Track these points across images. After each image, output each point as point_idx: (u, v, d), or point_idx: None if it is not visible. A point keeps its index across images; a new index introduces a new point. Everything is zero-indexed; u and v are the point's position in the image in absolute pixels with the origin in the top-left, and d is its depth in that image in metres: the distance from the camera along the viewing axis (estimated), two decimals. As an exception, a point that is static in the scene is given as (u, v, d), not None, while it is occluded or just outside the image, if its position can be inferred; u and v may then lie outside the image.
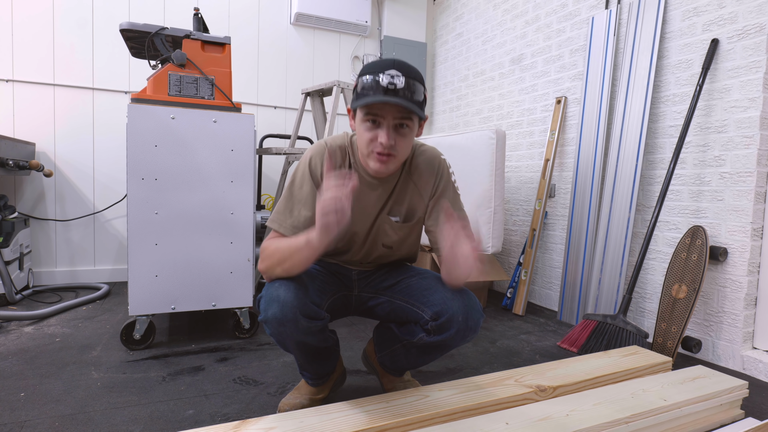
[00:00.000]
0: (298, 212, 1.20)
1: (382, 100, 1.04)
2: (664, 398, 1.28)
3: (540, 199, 2.67)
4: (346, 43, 3.64)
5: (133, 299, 1.80)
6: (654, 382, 1.40)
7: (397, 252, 1.37)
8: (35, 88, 2.78)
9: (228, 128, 1.91)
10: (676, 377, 1.43)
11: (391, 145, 1.09)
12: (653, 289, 2.15)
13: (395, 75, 1.05)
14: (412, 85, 1.07)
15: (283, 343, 1.20)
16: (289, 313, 1.09)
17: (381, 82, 1.05)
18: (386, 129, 1.08)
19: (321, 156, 1.22)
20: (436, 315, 1.19)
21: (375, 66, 1.08)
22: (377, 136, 1.09)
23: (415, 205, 1.29)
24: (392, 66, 1.07)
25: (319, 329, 1.17)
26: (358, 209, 1.25)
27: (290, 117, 3.46)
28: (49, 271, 2.86)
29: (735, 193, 1.85)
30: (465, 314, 1.17)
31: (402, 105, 1.04)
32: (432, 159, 1.28)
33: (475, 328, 1.20)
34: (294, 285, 1.12)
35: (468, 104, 3.51)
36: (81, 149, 2.91)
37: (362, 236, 1.30)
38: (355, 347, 1.95)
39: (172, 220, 1.84)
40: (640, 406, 1.23)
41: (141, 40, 1.98)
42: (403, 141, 1.11)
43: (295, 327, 1.11)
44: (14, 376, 1.57)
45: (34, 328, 2.07)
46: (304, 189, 1.21)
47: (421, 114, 1.08)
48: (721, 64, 1.91)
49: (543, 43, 2.81)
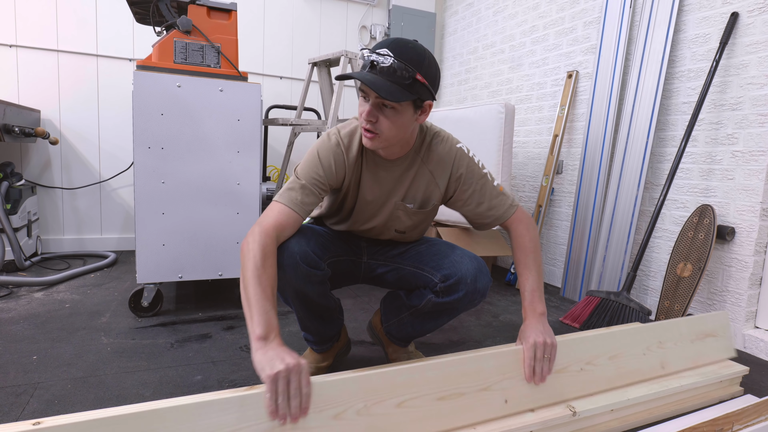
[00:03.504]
0: (304, 195, 1.16)
1: (354, 77, 1.04)
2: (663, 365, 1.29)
3: (547, 175, 2.65)
4: (353, 12, 3.56)
5: (141, 267, 1.82)
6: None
7: (408, 237, 1.39)
8: (39, 54, 2.74)
9: (234, 97, 1.89)
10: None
11: (370, 122, 1.10)
12: (658, 268, 2.15)
13: (384, 54, 1.05)
14: (397, 67, 1.04)
15: (283, 292, 1.23)
16: (289, 259, 1.13)
17: (369, 58, 1.07)
18: (369, 107, 1.09)
19: (331, 153, 1.20)
20: (445, 277, 1.24)
21: (379, 43, 1.08)
22: (363, 112, 1.10)
23: (431, 193, 1.29)
24: (388, 45, 1.06)
25: (318, 280, 1.20)
26: (373, 191, 1.25)
27: (296, 87, 3.42)
28: (56, 238, 2.89)
29: (746, 172, 1.82)
30: (474, 276, 1.22)
31: (366, 83, 1.02)
32: (449, 149, 1.26)
33: (484, 291, 1.24)
34: (297, 235, 1.17)
35: (477, 77, 3.44)
36: (86, 117, 2.89)
37: (377, 221, 1.31)
38: (360, 318, 1.98)
39: (179, 190, 1.85)
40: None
41: (146, 5, 1.94)
42: (386, 121, 1.09)
43: (295, 273, 1.15)
44: (26, 340, 1.61)
45: (44, 294, 2.10)
46: (310, 175, 1.18)
47: (386, 95, 1.02)
48: (739, 39, 1.85)
49: (556, 15, 2.74)
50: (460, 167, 1.26)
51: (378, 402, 0.94)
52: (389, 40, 1.08)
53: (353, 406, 0.92)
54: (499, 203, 1.27)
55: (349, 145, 1.21)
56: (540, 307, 1.17)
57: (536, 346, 1.09)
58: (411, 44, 1.07)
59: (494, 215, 1.27)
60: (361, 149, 1.23)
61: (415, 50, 1.07)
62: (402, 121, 1.11)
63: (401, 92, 1.05)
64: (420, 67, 1.07)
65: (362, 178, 1.25)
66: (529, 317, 1.17)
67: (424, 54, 1.08)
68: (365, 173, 1.24)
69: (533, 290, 1.19)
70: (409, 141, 1.22)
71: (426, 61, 1.08)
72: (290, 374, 0.83)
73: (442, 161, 1.26)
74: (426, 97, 1.11)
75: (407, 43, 1.07)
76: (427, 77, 1.08)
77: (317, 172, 1.17)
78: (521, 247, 1.24)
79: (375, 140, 1.13)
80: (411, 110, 1.11)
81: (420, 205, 1.30)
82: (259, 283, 0.97)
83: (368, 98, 1.09)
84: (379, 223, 1.32)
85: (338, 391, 0.91)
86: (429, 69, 1.09)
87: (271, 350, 0.88)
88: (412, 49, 1.07)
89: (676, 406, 1.29)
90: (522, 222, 1.27)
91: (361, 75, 1.04)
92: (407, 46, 1.06)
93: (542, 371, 1.10)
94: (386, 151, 1.20)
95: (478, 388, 1.05)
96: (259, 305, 0.94)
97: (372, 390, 0.94)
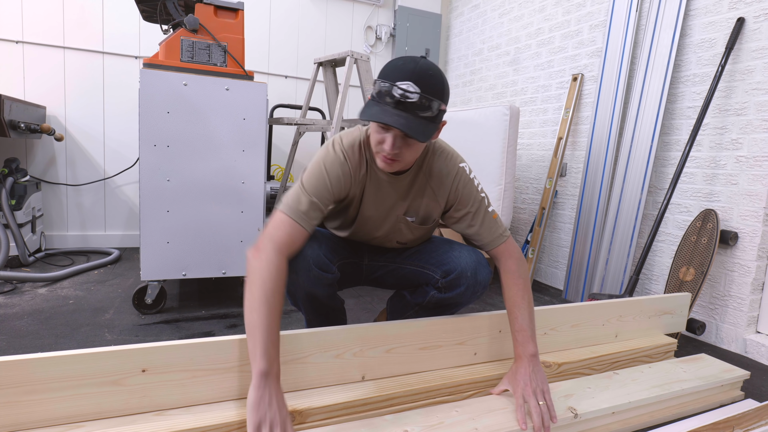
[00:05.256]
0: (312, 210, 1.14)
1: (384, 122, 1.00)
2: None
3: (551, 177, 2.65)
4: (359, 13, 3.57)
5: (145, 264, 1.83)
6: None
7: (410, 247, 1.40)
8: (45, 50, 2.75)
9: (240, 97, 1.90)
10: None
11: (395, 153, 1.07)
12: (660, 271, 2.16)
13: (409, 90, 1.00)
14: (425, 102, 1.02)
15: (293, 295, 1.25)
16: (303, 262, 1.15)
17: (394, 93, 1.01)
18: (392, 138, 1.06)
19: (338, 166, 1.18)
20: (446, 272, 1.26)
21: (395, 71, 1.03)
22: (384, 141, 1.07)
23: (431, 209, 1.29)
24: (411, 76, 1.01)
25: (329, 282, 1.22)
26: (376, 204, 1.25)
27: (301, 87, 3.42)
28: (60, 234, 2.90)
29: (750, 177, 1.83)
30: (474, 269, 1.24)
31: (401, 129, 0.99)
32: (452, 167, 1.25)
33: (485, 283, 1.26)
34: (309, 239, 1.18)
35: (481, 79, 3.45)
36: (91, 114, 2.90)
37: (379, 233, 1.32)
38: (363, 319, 1.98)
39: (184, 188, 1.85)
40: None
41: (153, 3, 1.95)
42: (408, 149, 1.08)
43: (307, 276, 1.16)
44: (30, 335, 1.62)
45: (48, 289, 2.11)
46: (316, 187, 1.15)
47: (421, 138, 1.02)
48: (745, 44, 1.86)
49: (562, 18, 2.74)
50: (459, 187, 1.25)
51: (371, 348, 1.16)
52: (409, 70, 1.02)
53: (351, 349, 1.13)
54: (488, 230, 1.24)
55: (353, 158, 1.20)
56: (531, 348, 1.12)
57: (525, 395, 1.06)
58: (431, 71, 1.03)
59: (482, 241, 1.25)
60: (365, 162, 1.21)
61: (437, 78, 1.04)
62: (422, 147, 1.12)
63: (430, 127, 1.05)
64: (443, 97, 1.06)
65: (365, 192, 1.24)
66: (519, 359, 1.13)
67: (443, 80, 1.06)
68: (369, 187, 1.24)
69: (524, 329, 1.14)
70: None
71: (446, 86, 1.07)
72: (273, 428, 0.87)
73: (443, 178, 1.25)
74: (443, 118, 1.11)
75: (428, 71, 1.03)
76: (447, 103, 1.08)
77: (326, 187, 1.14)
78: (511, 284, 1.20)
79: (395, 165, 1.11)
80: None
81: (422, 221, 1.30)
82: (268, 310, 0.95)
83: (390, 129, 1.06)
84: (381, 235, 1.32)
85: (339, 337, 1.12)
86: (448, 94, 1.08)
87: (267, 393, 0.89)
88: (434, 77, 1.03)
89: (678, 410, 1.29)
90: (512, 256, 1.23)
91: (392, 120, 1.00)
92: (429, 75, 1.03)
93: (544, 420, 1.03)
94: (392, 170, 1.18)
95: (455, 342, 1.27)
96: (265, 336, 0.93)
97: (367, 338, 1.15)
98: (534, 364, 1.10)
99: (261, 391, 0.89)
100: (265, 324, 0.94)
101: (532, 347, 1.13)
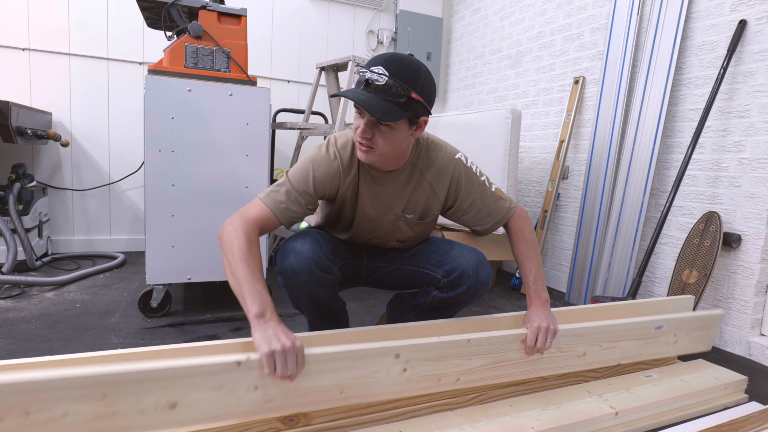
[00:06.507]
0: (290, 202, 1.16)
1: (346, 96, 1.04)
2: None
3: (553, 180, 2.66)
4: (361, 17, 3.59)
5: (150, 268, 1.84)
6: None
7: (409, 246, 1.41)
8: (51, 57, 2.78)
9: (244, 102, 1.91)
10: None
11: (366, 138, 1.10)
12: (663, 274, 2.16)
13: (377, 72, 1.04)
14: (392, 85, 1.04)
15: (295, 296, 1.25)
16: (305, 264, 1.16)
17: (365, 76, 1.06)
18: (363, 123, 1.09)
19: (325, 165, 1.21)
20: (448, 272, 1.27)
21: (373, 60, 1.09)
22: (359, 126, 1.10)
23: (431, 204, 1.30)
24: (383, 62, 1.06)
25: (330, 283, 1.23)
26: (373, 203, 1.27)
27: (303, 91, 3.44)
28: (66, 239, 2.93)
29: (753, 179, 1.83)
30: (476, 268, 1.26)
31: (360, 104, 1.03)
32: (448, 160, 1.27)
33: (486, 281, 1.28)
34: (310, 240, 1.19)
35: (483, 82, 3.46)
36: (96, 120, 2.93)
37: (378, 233, 1.33)
38: (366, 321, 1.99)
39: (189, 193, 1.87)
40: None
41: (157, 10, 1.97)
42: (381, 136, 1.09)
43: (309, 277, 1.17)
44: (38, 339, 1.63)
45: (55, 293, 2.13)
46: (300, 186, 1.18)
47: (379, 116, 1.03)
48: (747, 46, 1.86)
49: (563, 21, 2.75)
50: (459, 177, 1.27)
51: None
52: (384, 57, 1.07)
53: None
54: (498, 207, 1.30)
55: (344, 158, 1.21)
56: (544, 295, 1.24)
57: (539, 330, 1.15)
58: (406, 61, 1.06)
59: (495, 219, 1.31)
60: (357, 162, 1.23)
61: (410, 67, 1.06)
62: (397, 137, 1.11)
63: (396, 111, 1.05)
64: (415, 85, 1.06)
65: (360, 191, 1.25)
66: (534, 304, 1.23)
67: (419, 70, 1.08)
68: (363, 186, 1.25)
69: (536, 279, 1.25)
70: (405, 154, 1.22)
71: (421, 77, 1.08)
72: (287, 354, 0.87)
73: (440, 172, 1.26)
74: (421, 113, 1.11)
75: (402, 60, 1.06)
76: (422, 94, 1.08)
77: (307, 183, 1.17)
78: (522, 239, 1.29)
79: (370, 154, 1.13)
80: (406, 127, 1.12)
81: (420, 216, 1.32)
82: (247, 266, 0.99)
83: (363, 114, 1.09)
84: (380, 234, 1.34)
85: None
86: (424, 86, 1.09)
87: (270, 328, 0.91)
88: (407, 66, 1.06)
89: (681, 412, 1.30)
90: (520, 217, 1.33)
91: (354, 95, 1.04)
92: (402, 63, 1.06)
93: (542, 345, 1.16)
94: (381, 164, 1.21)
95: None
96: (250, 285, 0.96)
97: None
98: (547, 308, 1.22)
99: (263, 329, 0.91)
100: (248, 277, 0.97)
101: (545, 294, 1.24)
